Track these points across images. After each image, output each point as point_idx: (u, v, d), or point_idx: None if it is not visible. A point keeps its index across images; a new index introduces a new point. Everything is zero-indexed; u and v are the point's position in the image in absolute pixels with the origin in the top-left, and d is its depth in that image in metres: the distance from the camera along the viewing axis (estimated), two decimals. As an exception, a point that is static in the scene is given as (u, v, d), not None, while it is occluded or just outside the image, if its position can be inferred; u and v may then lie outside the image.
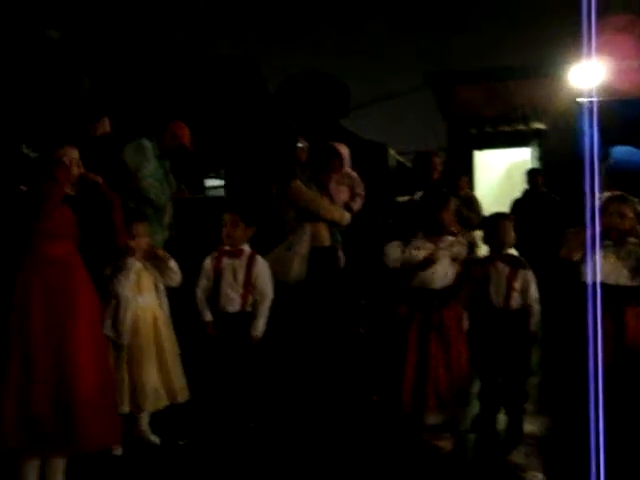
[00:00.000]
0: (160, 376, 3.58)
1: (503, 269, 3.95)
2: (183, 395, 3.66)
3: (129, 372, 3.53)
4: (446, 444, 3.71)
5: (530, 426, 4.00)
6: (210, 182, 10.17)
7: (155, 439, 3.70)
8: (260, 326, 3.94)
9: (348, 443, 3.78)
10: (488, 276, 3.94)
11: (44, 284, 2.91)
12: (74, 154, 3.08)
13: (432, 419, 3.72)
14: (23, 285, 2.90)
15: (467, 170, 9.11)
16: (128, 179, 4.32)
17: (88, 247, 3.14)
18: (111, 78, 6.03)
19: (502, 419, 3.99)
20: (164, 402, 3.61)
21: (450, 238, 3.87)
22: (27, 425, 2.82)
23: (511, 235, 4.02)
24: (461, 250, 3.90)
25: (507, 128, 9.70)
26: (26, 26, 5.20)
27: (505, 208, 7.47)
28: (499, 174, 10.08)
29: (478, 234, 4.58)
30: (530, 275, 3.98)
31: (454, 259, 3.85)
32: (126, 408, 3.51)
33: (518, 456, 3.71)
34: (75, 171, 3.00)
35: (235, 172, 8.97)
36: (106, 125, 4.55)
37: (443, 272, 3.81)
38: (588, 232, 3.33)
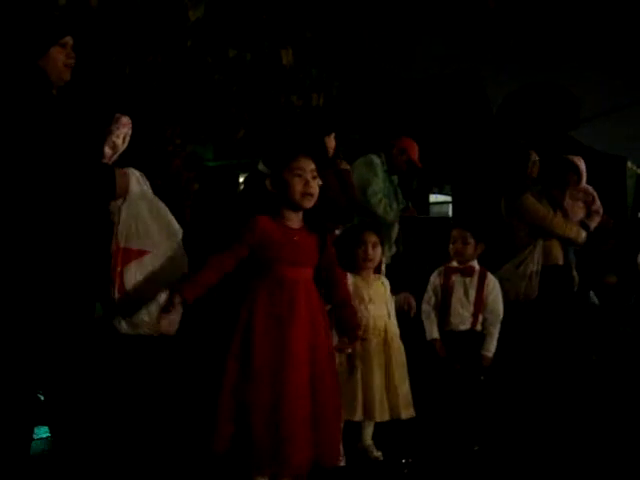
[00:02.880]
0: (385, 388, 3.54)
1: None
2: (407, 412, 3.58)
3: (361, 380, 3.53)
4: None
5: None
6: (434, 197, 10.19)
7: (378, 454, 3.68)
8: (492, 346, 3.82)
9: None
10: None
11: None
12: (310, 165, 3.08)
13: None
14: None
15: None
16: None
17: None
18: (341, 95, 6.21)
19: None
20: (387, 415, 3.55)
21: None
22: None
23: None
24: None
25: None
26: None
27: None
28: None
29: None
30: None
31: None
32: (358, 416, 3.53)
33: None
34: (313, 183, 3.02)
35: (462, 188, 8.89)
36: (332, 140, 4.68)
37: None
38: None
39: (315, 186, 2.98)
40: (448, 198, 9.99)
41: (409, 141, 4.73)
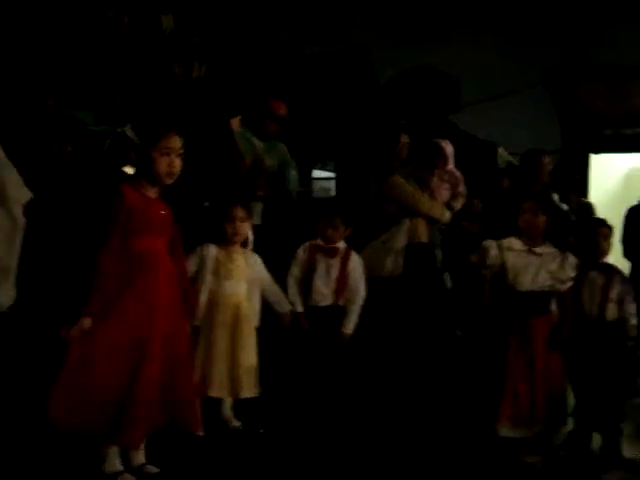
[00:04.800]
0: (227, 367, 3.57)
1: (597, 278, 3.77)
2: (250, 392, 3.63)
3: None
4: (535, 460, 3.56)
5: (632, 450, 3.79)
6: (318, 173, 10.27)
7: (237, 424, 3.74)
8: (351, 324, 3.95)
9: (436, 448, 3.67)
10: (581, 285, 3.77)
11: None
12: (178, 143, 3.06)
13: (518, 433, 3.57)
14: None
15: (582, 174, 8.72)
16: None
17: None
18: (223, 68, 6.13)
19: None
20: (225, 393, 3.61)
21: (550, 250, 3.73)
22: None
23: (607, 244, 3.84)
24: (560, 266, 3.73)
25: (628, 131, 9.19)
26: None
27: (620, 216, 7.09)
28: (617, 180, 9.58)
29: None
30: (627, 285, 3.80)
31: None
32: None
33: (613, 479, 3.52)
34: (177, 162, 3.00)
35: (344, 165, 9.01)
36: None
37: (529, 275, 3.65)
38: None
39: (178, 165, 2.99)
40: (332, 174, 10.09)
41: (274, 102, 4.75)
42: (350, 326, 3.95)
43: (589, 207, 5.59)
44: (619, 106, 9.21)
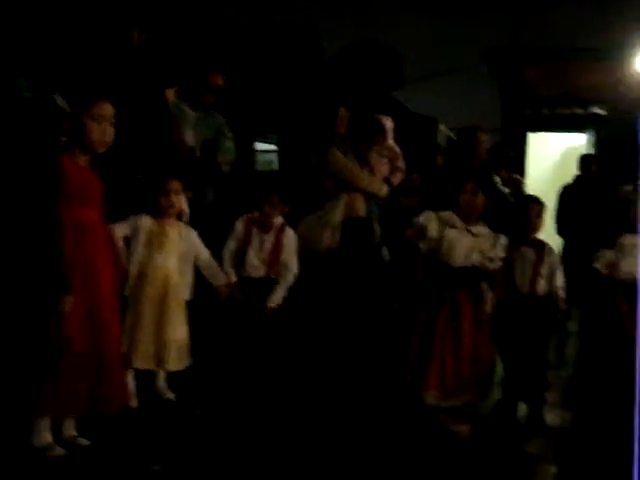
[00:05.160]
0: (154, 339, 3.56)
1: (528, 254, 3.89)
2: (179, 364, 3.64)
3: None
4: (463, 429, 3.67)
5: (553, 418, 3.94)
6: (261, 146, 10.21)
7: (171, 396, 3.75)
8: (277, 298, 4.00)
9: (362, 422, 3.72)
10: (513, 260, 3.88)
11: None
12: (110, 111, 3.01)
13: (446, 402, 3.67)
14: None
15: (519, 152, 8.90)
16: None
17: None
18: (161, 37, 6.00)
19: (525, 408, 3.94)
20: (151, 364, 3.59)
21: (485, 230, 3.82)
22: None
23: (539, 220, 3.95)
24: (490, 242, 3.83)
25: (565, 111, 9.41)
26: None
27: (556, 193, 7.30)
28: (553, 158, 9.82)
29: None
30: (556, 261, 3.94)
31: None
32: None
33: (535, 446, 3.66)
34: (109, 130, 2.96)
35: (287, 139, 8.97)
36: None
37: (462, 251, 3.74)
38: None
39: (111, 133, 2.96)
40: (274, 147, 10.05)
41: (210, 73, 4.68)
42: (274, 299, 4.00)
43: (519, 183, 5.72)
44: (556, 87, 9.42)
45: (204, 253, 3.79)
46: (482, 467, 3.35)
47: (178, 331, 3.60)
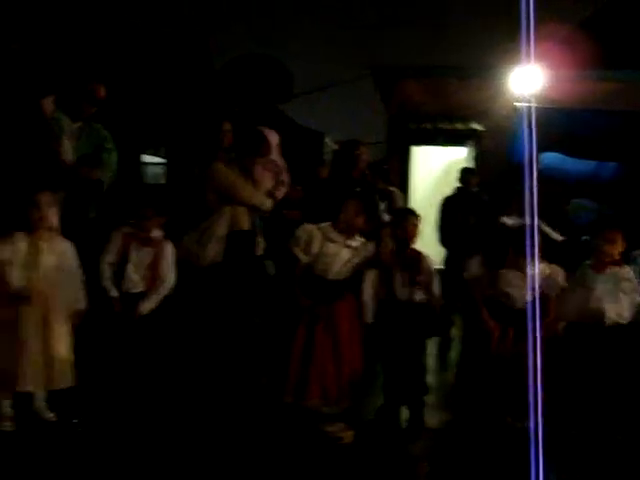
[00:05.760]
0: (38, 360, 3.47)
1: (404, 263, 4.05)
2: (61, 382, 3.57)
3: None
4: (346, 435, 3.76)
5: (433, 420, 4.10)
6: (150, 159, 10.06)
7: (51, 415, 3.64)
8: (147, 305, 3.94)
9: (242, 433, 3.76)
10: (392, 270, 4.02)
11: None
12: None
13: (327, 410, 3.77)
14: None
15: (402, 165, 9.19)
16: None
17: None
18: (39, 45, 5.84)
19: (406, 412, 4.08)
20: (41, 386, 3.52)
21: (360, 240, 3.95)
22: None
23: (415, 231, 4.12)
24: (366, 253, 3.97)
25: (447, 126, 9.78)
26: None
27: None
28: (436, 171, 10.16)
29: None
30: (433, 270, 4.11)
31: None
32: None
33: (417, 448, 3.80)
34: None
35: (175, 151, 8.88)
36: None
37: (339, 265, 3.86)
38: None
39: None
40: (163, 160, 9.94)
41: (92, 84, 4.56)
42: (145, 307, 3.93)
43: (392, 195, 5.88)
44: (437, 103, 9.79)
45: (74, 268, 3.67)
46: (366, 471, 3.45)
47: (63, 347, 3.51)
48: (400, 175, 8.28)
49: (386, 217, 5.05)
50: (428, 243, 5.17)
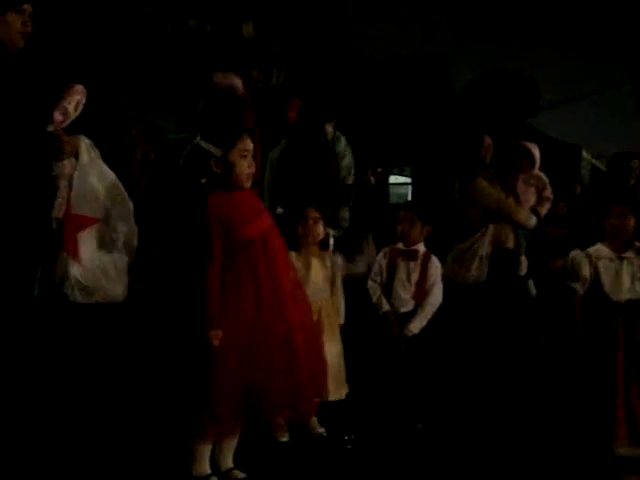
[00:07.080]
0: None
1: None
2: (338, 394, 3.65)
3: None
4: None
5: None
6: (394, 179, 10.22)
7: (321, 430, 3.72)
8: (416, 326, 3.88)
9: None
10: None
11: None
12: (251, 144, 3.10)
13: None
14: None
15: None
16: None
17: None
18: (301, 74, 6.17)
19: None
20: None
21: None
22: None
23: None
24: None
25: None
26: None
27: None
28: None
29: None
30: None
31: None
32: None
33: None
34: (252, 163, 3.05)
35: (421, 170, 8.95)
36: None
37: (627, 284, 3.51)
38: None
39: (253, 165, 3.03)
40: (408, 180, 10.02)
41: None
42: (413, 329, 3.90)
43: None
44: None
45: None
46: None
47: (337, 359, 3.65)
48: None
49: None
50: None
